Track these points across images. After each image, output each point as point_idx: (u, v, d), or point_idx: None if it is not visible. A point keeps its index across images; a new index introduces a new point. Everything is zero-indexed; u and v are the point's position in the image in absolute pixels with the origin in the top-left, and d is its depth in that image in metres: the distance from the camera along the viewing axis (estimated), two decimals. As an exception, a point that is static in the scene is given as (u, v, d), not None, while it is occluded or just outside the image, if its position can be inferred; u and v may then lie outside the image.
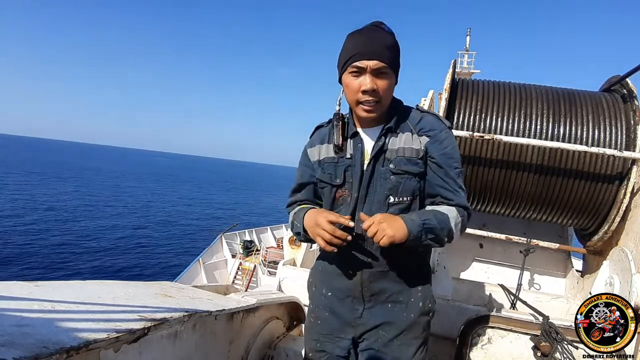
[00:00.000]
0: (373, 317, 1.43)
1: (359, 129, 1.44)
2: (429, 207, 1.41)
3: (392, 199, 1.37)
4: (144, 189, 57.87)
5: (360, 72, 1.31)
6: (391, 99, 1.40)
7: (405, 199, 1.38)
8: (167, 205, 44.05)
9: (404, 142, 1.38)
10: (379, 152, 1.38)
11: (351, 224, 1.27)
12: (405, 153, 1.37)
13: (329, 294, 1.49)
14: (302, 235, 1.44)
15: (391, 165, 1.37)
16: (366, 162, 1.40)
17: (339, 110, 1.48)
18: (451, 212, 1.35)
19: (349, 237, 1.28)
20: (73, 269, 19.13)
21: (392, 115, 1.41)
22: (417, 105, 1.50)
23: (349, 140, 1.44)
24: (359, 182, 1.39)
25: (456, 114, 2.96)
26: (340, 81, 1.41)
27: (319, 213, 1.35)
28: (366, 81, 1.29)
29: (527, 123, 2.84)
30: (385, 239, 1.22)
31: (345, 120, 1.47)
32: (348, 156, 1.43)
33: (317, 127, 1.59)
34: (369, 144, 1.42)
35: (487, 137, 2.74)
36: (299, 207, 1.55)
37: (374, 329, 1.43)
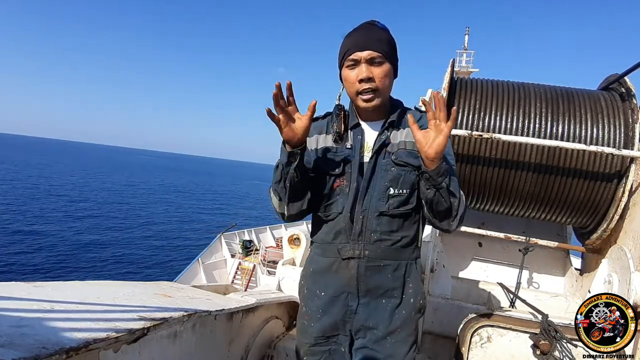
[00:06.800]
0: (367, 312, 1.43)
1: (360, 121, 1.47)
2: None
3: (392, 191, 1.39)
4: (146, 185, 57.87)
5: (355, 64, 1.36)
6: (390, 91, 1.43)
7: (404, 191, 1.40)
8: (169, 203, 44.08)
9: (406, 136, 1.42)
10: (382, 145, 1.41)
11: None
12: (406, 146, 1.40)
13: (322, 293, 1.47)
14: (284, 156, 1.34)
15: (393, 157, 1.40)
16: (366, 154, 1.43)
17: (339, 102, 1.51)
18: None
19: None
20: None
21: (392, 112, 1.45)
22: (416, 107, 1.55)
23: (349, 131, 1.47)
24: (357, 173, 1.41)
25: (455, 112, 2.96)
26: (341, 79, 1.45)
27: None
28: (362, 70, 1.34)
29: (526, 122, 2.84)
30: (443, 138, 1.21)
31: (346, 112, 1.50)
32: (348, 146, 1.45)
33: (313, 119, 1.60)
34: (369, 137, 1.45)
35: (485, 135, 2.74)
36: None
37: (368, 325, 1.43)
